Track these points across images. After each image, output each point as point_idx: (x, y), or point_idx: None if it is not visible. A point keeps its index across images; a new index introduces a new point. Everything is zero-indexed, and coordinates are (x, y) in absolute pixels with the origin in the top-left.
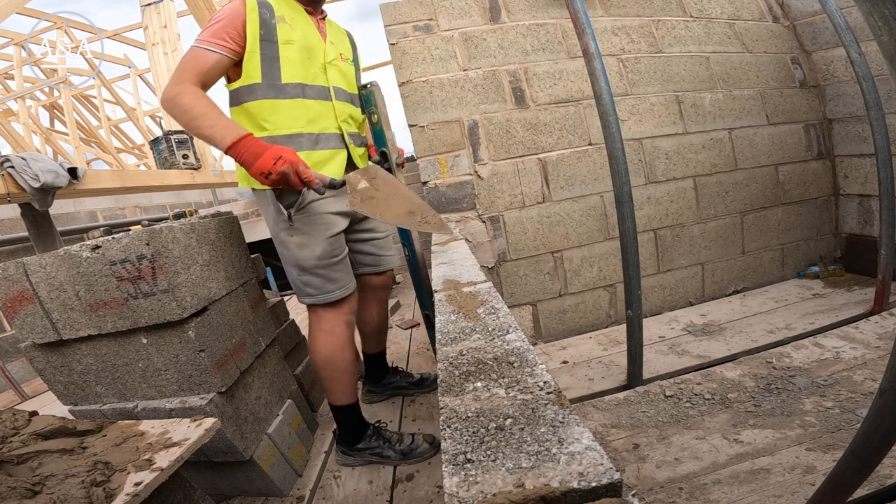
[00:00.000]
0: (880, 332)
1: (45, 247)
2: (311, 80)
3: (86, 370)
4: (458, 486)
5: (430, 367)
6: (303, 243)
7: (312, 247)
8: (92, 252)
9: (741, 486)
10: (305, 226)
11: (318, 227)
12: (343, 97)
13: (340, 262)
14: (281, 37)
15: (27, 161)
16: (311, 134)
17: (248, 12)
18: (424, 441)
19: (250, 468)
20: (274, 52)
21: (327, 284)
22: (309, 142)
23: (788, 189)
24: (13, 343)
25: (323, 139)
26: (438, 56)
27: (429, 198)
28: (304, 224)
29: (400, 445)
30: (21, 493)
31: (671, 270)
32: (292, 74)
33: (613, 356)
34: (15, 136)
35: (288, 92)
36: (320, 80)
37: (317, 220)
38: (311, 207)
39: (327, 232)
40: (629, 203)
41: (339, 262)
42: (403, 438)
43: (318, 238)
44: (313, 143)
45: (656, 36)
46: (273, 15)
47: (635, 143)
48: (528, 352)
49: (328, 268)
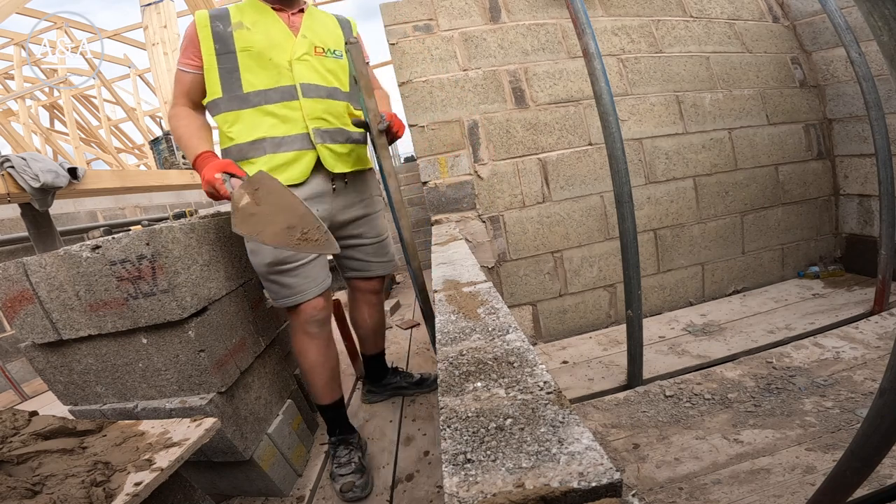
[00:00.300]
0: (880, 332)
1: (45, 247)
2: (274, 82)
3: (86, 370)
4: (458, 486)
5: (430, 367)
6: (253, 250)
7: (262, 254)
8: (92, 252)
9: (741, 486)
10: None
11: None
12: (316, 93)
13: (297, 269)
14: (239, 45)
15: (27, 161)
16: (274, 138)
17: (198, 30)
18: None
19: (250, 468)
20: (233, 63)
21: (282, 290)
22: (271, 145)
23: (788, 189)
24: (13, 343)
25: (287, 142)
26: (438, 56)
27: (429, 198)
28: None
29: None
30: (21, 493)
31: (671, 270)
32: (253, 83)
33: (613, 356)
34: (15, 136)
35: (251, 101)
36: (285, 79)
37: None
38: None
39: None
40: (629, 203)
41: (295, 269)
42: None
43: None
44: (275, 147)
45: (656, 36)
46: (229, 24)
47: (635, 143)
48: (528, 352)
49: (281, 274)
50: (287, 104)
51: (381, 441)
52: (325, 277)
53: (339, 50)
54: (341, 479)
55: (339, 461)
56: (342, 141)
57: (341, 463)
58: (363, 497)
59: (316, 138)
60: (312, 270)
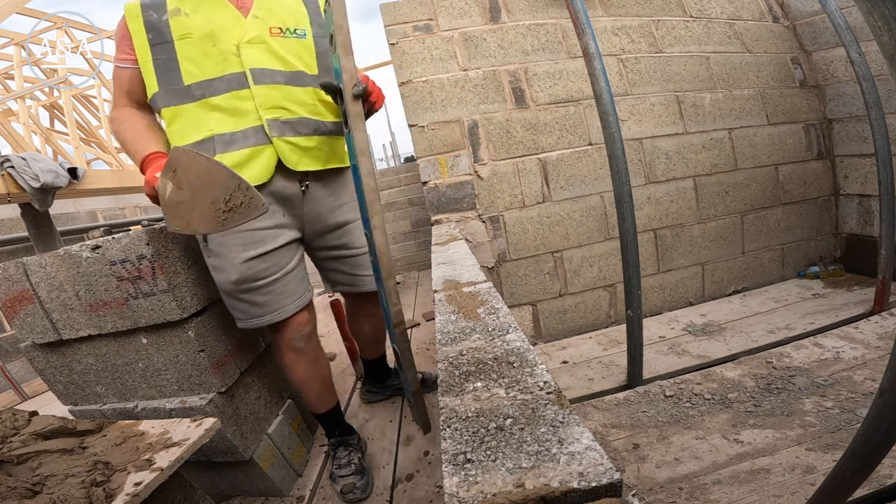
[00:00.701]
0: (880, 332)
1: (45, 247)
2: (220, 70)
3: (86, 370)
4: (458, 486)
5: (430, 367)
6: (216, 266)
7: (227, 271)
8: (92, 252)
9: (741, 486)
10: (218, 246)
11: (233, 248)
12: (272, 79)
13: (270, 285)
14: (176, 33)
15: (27, 161)
16: (223, 135)
17: (129, 22)
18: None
19: (250, 468)
20: (170, 53)
21: (253, 309)
22: (221, 144)
23: (788, 189)
24: (13, 343)
25: (239, 138)
26: (438, 56)
27: (429, 198)
28: (217, 244)
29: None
30: (21, 493)
31: (671, 270)
32: (194, 73)
33: (613, 356)
34: (15, 136)
35: (193, 94)
36: (231, 66)
37: (232, 240)
38: None
39: (246, 253)
40: (629, 203)
41: (268, 285)
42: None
43: (233, 261)
44: (226, 145)
45: (656, 36)
46: (164, 11)
47: (635, 143)
48: (528, 352)
49: (252, 293)
50: (236, 94)
51: (381, 441)
52: (304, 290)
53: (301, 28)
54: (342, 480)
55: (339, 462)
56: (307, 133)
57: (341, 464)
58: (364, 498)
59: (272, 131)
60: (288, 285)
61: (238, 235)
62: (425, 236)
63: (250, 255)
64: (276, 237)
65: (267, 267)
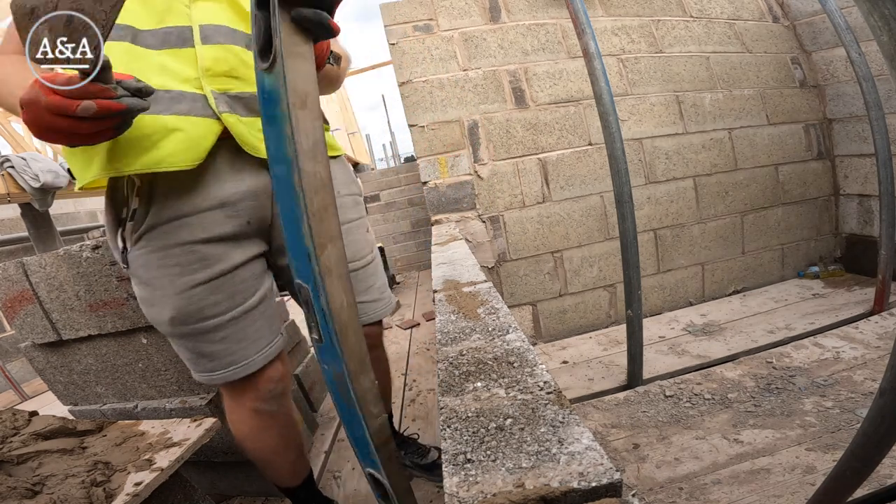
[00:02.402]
0: (880, 332)
1: (45, 247)
2: (157, 22)
3: (86, 370)
4: (458, 486)
5: (430, 367)
6: (144, 298)
7: (158, 304)
8: (92, 252)
9: (741, 486)
10: (142, 269)
11: (164, 272)
12: (228, 39)
13: (225, 327)
14: None
15: (27, 161)
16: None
17: None
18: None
19: (250, 468)
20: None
21: (200, 360)
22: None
23: (788, 189)
24: (13, 343)
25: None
26: (438, 56)
27: (429, 198)
28: (139, 266)
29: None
30: (21, 493)
31: (671, 270)
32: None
33: (613, 356)
34: (15, 136)
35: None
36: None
37: (160, 260)
38: (158, 232)
39: (185, 278)
40: (629, 203)
41: (221, 327)
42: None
43: (166, 290)
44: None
45: (656, 36)
46: None
47: (635, 143)
48: (528, 352)
49: (197, 337)
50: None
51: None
52: (276, 332)
53: None
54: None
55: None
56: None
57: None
58: None
59: (219, 105)
60: (251, 326)
61: (169, 253)
62: (425, 236)
63: (192, 280)
64: (229, 254)
65: (218, 301)
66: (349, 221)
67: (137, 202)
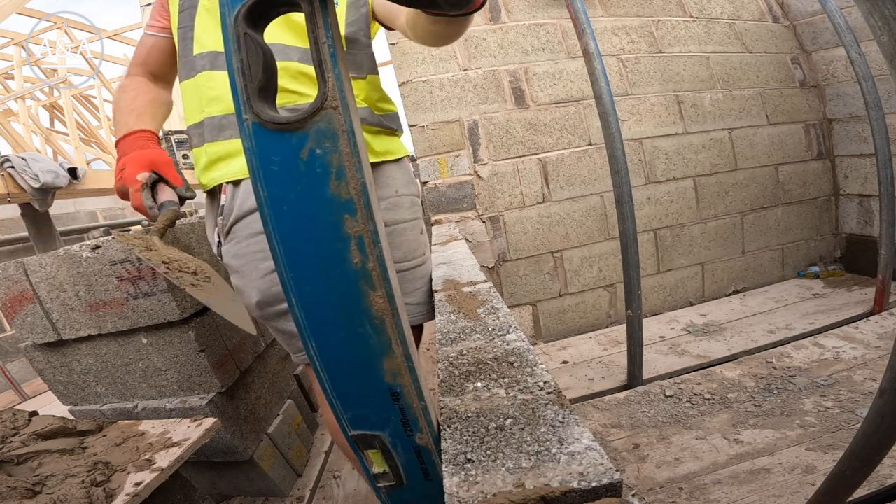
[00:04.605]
0: (880, 332)
1: (45, 247)
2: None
3: (86, 370)
4: (458, 486)
5: (430, 367)
6: (238, 287)
7: (247, 290)
8: (92, 252)
9: (741, 486)
10: (234, 258)
11: (251, 259)
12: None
13: None
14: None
15: (27, 161)
16: (213, 117)
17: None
18: None
19: (250, 468)
20: (190, 21)
21: (292, 340)
22: (211, 129)
23: (788, 189)
24: (13, 343)
25: (231, 122)
26: (438, 56)
27: (429, 198)
28: (231, 256)
29: None
30: (21, 493)
31: (671, 270)
32: (204, 42)
33: (613, 356)
34: (15, 136)
35: (196, 66)
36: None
37: (249, 247)
38: (241, 225)
39: (267, 263)
40: (629, 203)
41: None
42: None
43: (252, 275)
44: (217, 131)
45: (656, 36)
46: None
47: (635, 143)
48: (528, 352)
49: (281, 318)
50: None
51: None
52: None
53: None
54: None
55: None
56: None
57: None
58: None
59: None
60: None
61: (252, 241)
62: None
63: (272, 265)
64: None
65: None
66: (404, 221)
67: (225, 200)
